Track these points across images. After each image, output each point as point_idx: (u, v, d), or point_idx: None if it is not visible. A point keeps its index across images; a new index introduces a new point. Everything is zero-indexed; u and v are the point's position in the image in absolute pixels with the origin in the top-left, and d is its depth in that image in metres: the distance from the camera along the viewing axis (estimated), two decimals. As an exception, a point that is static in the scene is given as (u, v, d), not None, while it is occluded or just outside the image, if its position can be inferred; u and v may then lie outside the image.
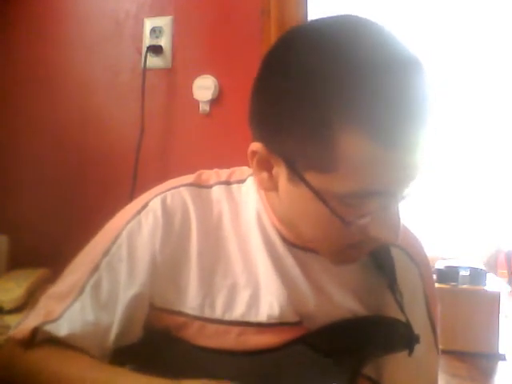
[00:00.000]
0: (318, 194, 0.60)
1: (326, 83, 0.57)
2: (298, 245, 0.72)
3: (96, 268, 0.71)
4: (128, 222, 0.73)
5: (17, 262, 1.53)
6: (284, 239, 0.72)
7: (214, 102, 1.50)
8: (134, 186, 1.51)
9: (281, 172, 0.64)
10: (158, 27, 1.55)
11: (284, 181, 0.64)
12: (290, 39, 0.64)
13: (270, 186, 0.67)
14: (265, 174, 0.67)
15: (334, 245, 0.67)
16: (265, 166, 0.66)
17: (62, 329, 0.69)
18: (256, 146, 0.65)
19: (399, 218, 0.62)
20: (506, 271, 4.25)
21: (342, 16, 0.63)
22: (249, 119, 0.69)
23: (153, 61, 1.55)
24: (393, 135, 0.56)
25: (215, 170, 0.80)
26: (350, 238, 0.64)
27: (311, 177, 0.60)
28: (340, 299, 0.72)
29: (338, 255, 0.69)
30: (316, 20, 0.65)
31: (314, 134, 0.58)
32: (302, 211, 0.65)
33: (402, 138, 0.56)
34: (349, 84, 0.56)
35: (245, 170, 0.79)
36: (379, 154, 0.56)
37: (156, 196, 0.74)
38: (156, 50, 1.54)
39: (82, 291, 0.70)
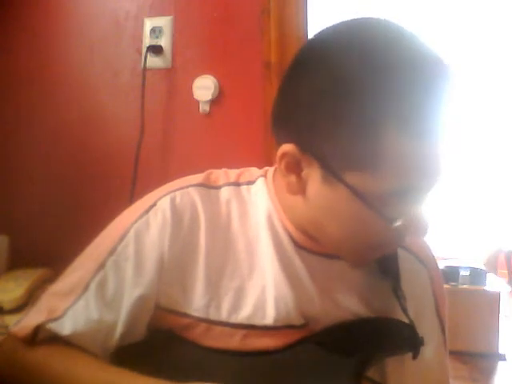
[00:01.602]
0: (357, 194, 0.61)
1: (367, 83, 0.58)
2: (306, 247, 0.72)
3: (102, 266, 0.71)
4: (135, 221, 0.72)
5: (17, 262, 1.53)
6: (294, 241, 0.72)
7: (214, 102, 1.50)
8: (133, 186, 1.51)
9: (312, 174, 0.64)
10: (157, 27, 1.55)
11: (316, 183, 0.64)
12: (324, 40, 0.65)
13: (297, 190, 0.67)
14: (293, 177, 0.66)
15: (358, 245, 0.67)
16: (294, 168, 0.66)
17: (65, 327, 0.68)
18: (287, 147, 0.64)
19: (429, 213, 0.65)
20: (506, 271, 4.24)
21: (370, 18, 0.65)
22: (273, 120, 0.68)
23: (153, 61, 1.55)
24: (430, 130, 0.59)
25: (224, 169, 0.79)
26: (377, 238, 0.65)
27: (350, 176, 0.61)
28: (346, 303, 0.72)
29: (358, 256, 0.69)
30: (344, 22, 0.65)
31: (355, 132, 0.59)
32: (334, 213, 0.65)
33: (437, 133, 0.59)
34: (389, 82, 0.58)
35: (254, 171, 0.79)
36: (417, 148, 0.58)
37: (165, 195, 0.73)
38: (156, 49, 1.54)
39: (86, 289, 0.70)
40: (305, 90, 0.62)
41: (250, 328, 0.70)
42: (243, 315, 0.70)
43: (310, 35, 1.51)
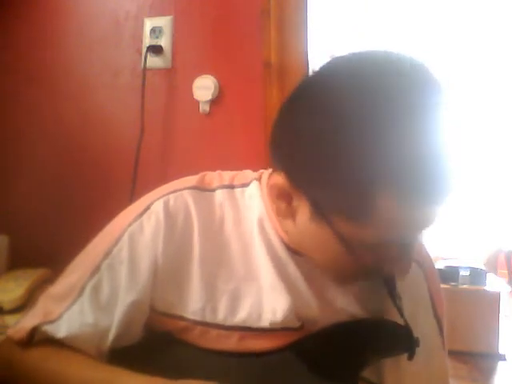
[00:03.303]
0: (342, 238, 0.61)
1: (367, 134, 0.56)
2: (300, 252, 0.72)
3: (96, 270, 0.71)
4: (130, 224, 0.72)
5: (17, 262, 1.53)
6: (286, 246, 0.72)
7: (214, 101, 1.50)
8: (133, 186, 1.51)
9: (302, 207, 0.65)
10: (157, 27, 1.55)
11: (304, 216, 0.64)
12: (327, 76, 0.62)
13: (286, 216, 0.67)
14: (283, 205, 0.67)
15: (344, 274, 0.69)
16: (285, 197, 0.66)
17: (60, 330, 0.69)
18: (279, 179, 0.65)
19: (412, 257, 0.65)
20: (506, 271, 4.24)
21: (378, 54, 0.61)
22: (270, 143, 0.68)
23: (153, 61, 1.55)
24: (428, 193, 0.57)
25: (218, 171, 0.79)
26: (362, 271, 0.66)
27: (337, 220, 0.61)
28: (342, 304, 0.72)
29: (344, 279, 0.71)
30: (350, 58, 0.62)
31: (346, 184, 0.58)
32: (319, 247, 0.66)
33: (438, 196, 0.58)
34: (387, 139, 0.55)
35: (248, 174, 0.79)
36: (413, 212, 0.58)
37: (158, 198, 0.73)
38: (156, 49, 1.54)
39: (81, 292, 0.70)
40: (300, 131, 0.61)
41: (246, 330, 0.70)
42: (239, 318, 0.70)
43: (310, 35, 1.51)
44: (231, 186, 0.76)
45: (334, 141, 0.58)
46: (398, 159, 0.55)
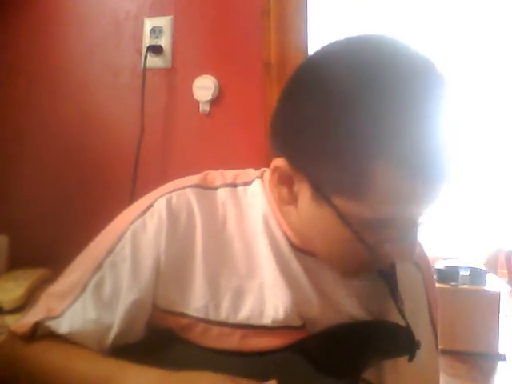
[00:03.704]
0: (343, 218, 0.61)
1: (362, 113, 0.57)
2: (304, 250, 0.72)
3: (99, 267, 0.71)
4: (132, 222, 0.72)
5: (17, 262, 1.53)
6: (291, 243, 0.72)
7: (214, 101, 1.50)
8: (133, 186, 1.51)
9: (303, 190, 0.65)
10: (157, 27, 1.55)
11: (306, 199, 0.65)
12: (323, 61, 0.63)
13: (289, 201, 0.68)
14: (285, 190, 0.67)
15: (346, 262, 0.68)
16: (286, 181, 0.66)
17: (63, 326, 0.69)
18: (279, 162, 0.65)
19: (416, 240, 0.64)
20: (506, 271, 4.24)
21: (368, 36, 0.63)
22: (271, 132, 0.69)
23: (153, 61, 1.55)
24: (424, 169, 0.57)
25: (221, 170, 0.79)
26: (364, 258, 0.65)
27: (337, 200, 0.61)
28: (344, 305, 0.72)
29: (349, 270, 0.70)
30: (347, 40, 0.63)
31: (346, 162, 0.58)
32: (321, 230, 0.66)
33: (435, 173, 0.58)
34: (385, 116, 0.56)
35: (250, 173, 0.79)
36: (411, 186, 0.57)
37: (161, 196, 0.73)
38: (156, 49, 1.54)
39: (84, 289, 0.70)
40: (298, 113, 0.62)
41: (248, 328, 0.70)
42: (242, 315, 0.70)
43: (310, 35, 1.51)
44: (234, 185, 0.76)
45: (332, 119, 0.59)
46: (397, 134, 0.56)
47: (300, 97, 0.63)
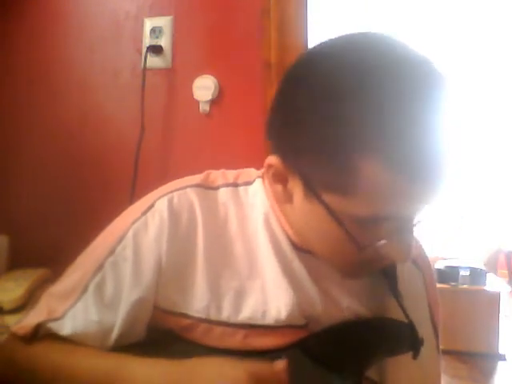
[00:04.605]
0: (333, 215, 0.61)
1: (349, 108, 0.56)
2: (305, 248, 0.72)
3: (100, 267, 0.71)
4: (134, 222, 0.72)
5: (17, 262, 1.53)
6: (292, 242, 0.72)
7: (214, 102, 1.50)
8: (133, 186, 1.51)
9: (296, 187, 0.65)
10: (157, 27, 1.55)
11: (299, 196, 0.64)
12: (314, 57, 0.63)
13: (284, 199, 0.68)
14: (279, 187, 0.67)
15: (344, 261, 0.68)
16: (280, 179, 0.66)
17: (65, 327, 0.69)
18: (272, 159, 0.65)
19: (412, 240, 0.63)
20: (506, 271, 4.24)
21: (365, 34, 0.62)
22: (266, 131, 0.68)
23: (153, 61, 1.55)
24: (415, 168, 0.56)
25: (222, 170, 0.79)
26: (361, 257, 0.64)
27: (328, 197, 0.60)
28: (346, 303, 0.72)
29: (348, 270, 0.70)
30: (339, 37, 0.63)
31: (334, 157, 0.58)
32: (315, 227, 0.66)
33: (424, 172, 0.56)
34: (372, 111, 0.55)
35: (252, 172, 0.79)
36: (399, 184, 0.56)
37: (162, 196, 0.73)
38: (156, 50, 1.54)
39: (85, 290, 0.70)
40: (288, 109, 0.63)
41: (250, 328, 0.70)
42: (244, 315, 0.70)
43: (310, 35, 1.51)
44: (235, 185, 0.76)
45: (318, 116, 0.58)
46: (386, 131, 0.55)
47: (290, 95, 0.63)
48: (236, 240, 0.73)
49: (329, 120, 0.57)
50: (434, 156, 0.56)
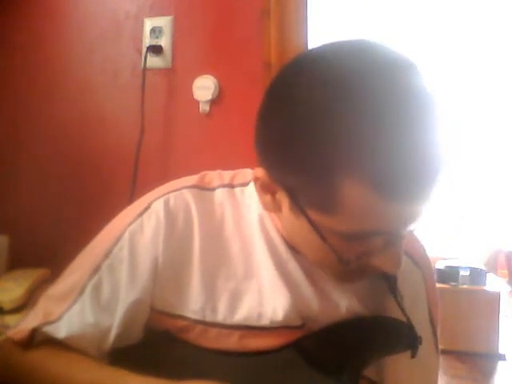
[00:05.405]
0: (318, 230, 0.60)
1: (331, 126, 0.55)
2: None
3: (97, 269, 0.71)
4: (130, 224, 0.72)
5: (17, 262, 1.53)
6: (287, 243, 0.72)
7: (214, 101, 1.50)
8: (133, 186, 1.51)
9: (283, 199, 0.64)
10: (157, 27, 1.55)
11: (286, 208, 0.64)
12: (296, 71, 0.61)
13: (273, 208, 0.67)
14: (268, 197, 0.66)
15: (332, 270, 0.67)
16: (268, 189, 0.66)
17: (61, 330, 0.68)
18: (259, 172, 0.65)
19: (400, 251, 0.62)
20: (506, 271, 4.24)
21: (352, 43, 0.60)
22: (254, 143, 0.67)
23: (153, 61, 1.55)
24: (397, 188, 0.54)
25: (218, 171, 0.79)
26: (347, 268, 0.64)
27: (312, 213, 0.60)
28: (344, 303, 0.72)
29: (338, 277, 0.69)
30: (325, 47, 0.61)
31: (315, 175, 0.57)
32: (302, 239, 0.66)
33: (407, 192, 0.55)
34: (354, 130, 0.54)
35: (248, 173, 0.78)
36: (381, 204, 0.55)
37: (158, 198, 0.73)
38: (156, 49, 1.54)
39: (82, 292, 0.70)
40: (272, 128, 0.61)
41: (246, 329, 0.69)
42: (240, 316, 0.70)
43: (310, 35, 1.51)
44: (231, 186, 0.76)
45: (300, 132, 0.57)
46: (363, 150, 0.53)
47: (273, 113, 0.61)
48: (232, 240, 0.73)
49: (310, 141, 0.56)
50: (413, 174, 0.54)
